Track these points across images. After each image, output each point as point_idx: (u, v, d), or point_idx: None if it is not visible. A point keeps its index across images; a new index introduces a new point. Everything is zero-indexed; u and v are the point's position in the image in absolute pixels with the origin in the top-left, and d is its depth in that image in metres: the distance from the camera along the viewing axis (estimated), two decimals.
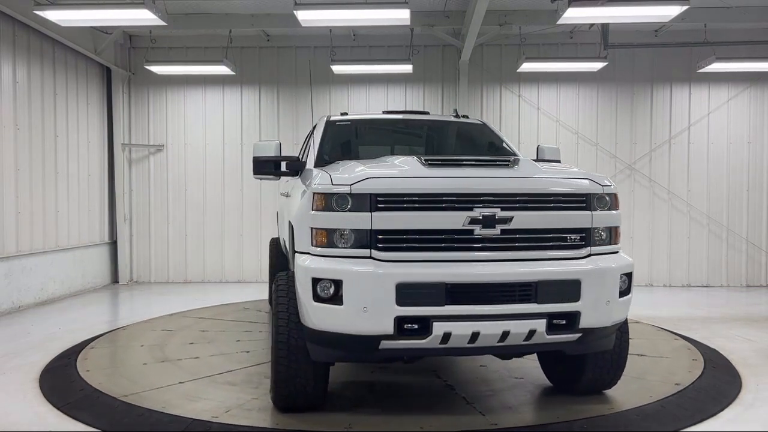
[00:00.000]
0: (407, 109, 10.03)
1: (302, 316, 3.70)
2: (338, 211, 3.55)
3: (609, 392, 4.57)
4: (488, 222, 3.55)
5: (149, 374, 5.06)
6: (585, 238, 3.73)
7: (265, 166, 4.77)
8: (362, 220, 3.52)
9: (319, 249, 3.60)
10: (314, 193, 3.64)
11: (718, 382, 4.89)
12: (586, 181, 3.82)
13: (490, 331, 3.50)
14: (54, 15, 7.37)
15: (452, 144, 5.75)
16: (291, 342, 3.74)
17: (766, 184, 10.47)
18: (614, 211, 3.87)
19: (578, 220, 3.72)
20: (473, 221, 3.54)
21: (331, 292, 3.50)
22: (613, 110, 10.58)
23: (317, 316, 3.54)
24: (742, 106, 10.47)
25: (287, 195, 6.47)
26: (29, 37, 8.44)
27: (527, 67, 9.68)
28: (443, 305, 3.45)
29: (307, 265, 3.58)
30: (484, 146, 5.53)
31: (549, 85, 10.55)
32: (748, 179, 10.47)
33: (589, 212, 3.75)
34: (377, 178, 3.60)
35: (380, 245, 3.52)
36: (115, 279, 10.76)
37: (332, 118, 5.49)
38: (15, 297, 8.09)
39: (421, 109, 10.16)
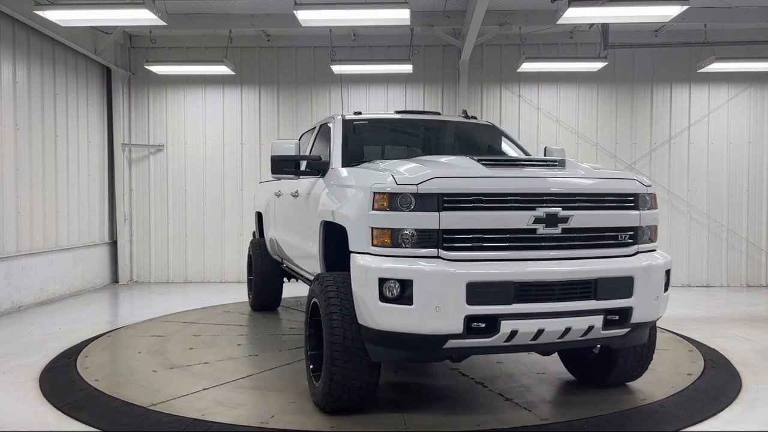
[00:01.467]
0: (415, 110, 9.98)
1: (362, 317, 3.66)
2: (403, 210, 3.53)
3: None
4: (551, 221, 3.62)
5: (168, 381, 4.95)
6: (633, 236, 3.88)
7: (286, 166, 4.78)
8: (430, 220, 3.51)
9: (380, 249, 3.58)
10: (375, 193, 3.60)
11: (718, 382, 4.88)
12: (635, 182, 3.96)
13: (554, 327, 3.59)
14: (54, 15, 7.37)
15: (469, 144, 5.76)
16: (346, 343, 3.71)
17: (766, 184, 10.47)
18: (655, 211, 4.03)
19: (629, 219, 3.86)
20: (537, 220, 3.60)
21: (397, 292, 3.47)
22: (613, 110, 10.58)
23: (384, 316, 3.51)
24: (742, 106, 10.47)
25: (280, 194, 6.44)
26: (29, 37, 8.44)
27: (527, 67, 9.68)
28: (511, 303, 3.50)
29: (373, 265, 3.53)
30: (499, 147, 5.64)
31: (549, 85, 10.55)
32: (748, 179, 10.47)
33: (638, 211, 3.89)
34: (444, 177, 3.59)
35: (447, 245, 3.53)
36: (115, 279, 10.76)
37: (348, 117, 5.40)
38: (15, 297, 8.09)
39: (422, 109, 10.16)
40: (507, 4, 9.26)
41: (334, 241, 4.27)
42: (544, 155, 5.32)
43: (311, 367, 4.29)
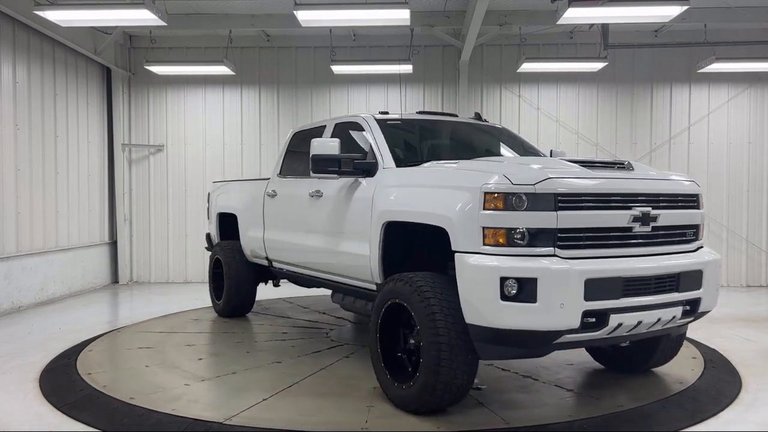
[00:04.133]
0: (435, 111, 9.92)
1: (474, 316, 3.66)
2: (519, 210, 3.58)
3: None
4: (645, 219, 3.87)
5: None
6: (696, 233, 4.25)
7: (329, 165, 4.76)
8: (548, 219, 3.60)
9: (492, 248, 3.61)
10: (486, 193, 3.64)
11: (718, 382, 4.89)
12: (695, 184, 4.35)
13: (649, 319, 3.82)
14: (54, 15, 7.37)
15: (492, 146, 5.81)
16: (452, 343, 3.73)
17: (766, 184, 10.47)
18: (703, 210, 4.39)
19: (695, 217, 4.24)
20: (634, 219, 3.84)
21: (515, 291, 3.52)
22: (613, 110, 10.58)
23: (505, 314, 3.54)
24: (742, 106, 10.47)
25: (276, 195, 6.27)
26: (29, 37, 8.44)
27: (527, 67, 9.68)
28: (618, 298, 3.68)
29: (493, 264, 3.56)
30: (517, 148, 5.72)
31: (549, 85, 10.55)
32: (748, 179, 10.47)
33: (699, 210, 4.29)
34: (559, 178, 3.72)
35: (561, 243, 3.64)
36: (115, 279, 10.76)
37: (381, 117, 5.37)
38: (15, 297, 8.09)
39: (440, 111, 10.17)
40: (507, 4, 9.26)
41: (396, 241, 4.41)
42: (550, 156, 5.45)
43: (387, 368, 4.22)
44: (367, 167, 4.84)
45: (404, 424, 3.93)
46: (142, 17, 7.29)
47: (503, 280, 3.52)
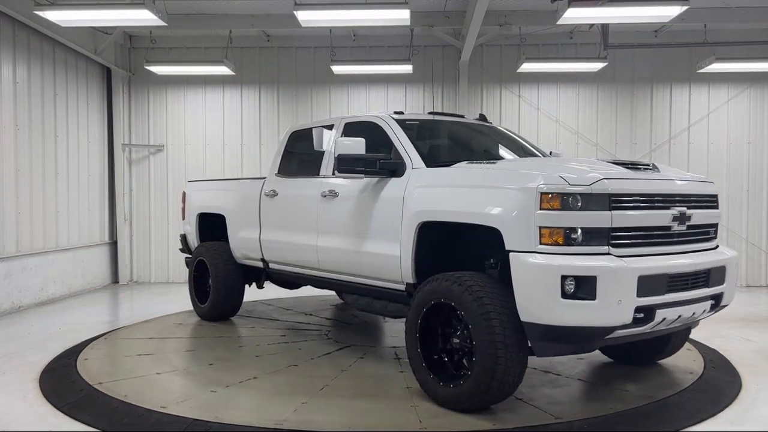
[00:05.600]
0: (446, 111, 9.90)
1: (532, 314, 3.72)
2: (574, 210, 3.70)
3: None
4: (682, 219, 4.07)
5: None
6: (715, 231, 4.48)
7: (355, 164, 4.78)
8: (603, 219, 3.73)
9: (549, 247, 3.70)
10: (542, 193, 3.73)
11: (718, 382, 4.89)
12: (713, 185, 4.57)
13: (686, 314, 4.02)
14: (54, 15, 7.37)
15: (509, 147, 5.84)
16: (507, 341, 3.81)
17: (766, 184, 10.48)
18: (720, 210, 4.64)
19: (715, 216, 4.46)
20: (674, 218, 4.03)
21: (574, 288, 3.62)
22: (613, 110, 10.58)
23: (565, 312, 3.64)
24: (742, 106, 10.47)
25: (276, 194, 6.18)
26: (29, 37, 8.44)
27: (527, 67, 9.68)
28: (664, 294, 3.85)
29: (554, 263, 3.64)
30: (519, 149, 5.78)
31: (549, 85, 10.55)
32: (748, 179, 10.47)
33: (718, 210, 4.51)
34: (612, 179, 3.86)
35: (614, 242, 3.78)
36: (115, 279, 10.76)
37: (399, 117, 5.37)
38: (15, 297, 8.09)
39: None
40: (507, 4, 9.26)
41: (428, 242, 4.47)
42: None
43: (430, 368, 4.23)
44: (393, 167, 4.85)
45: (460, 423, 3.93)
46: (142, 17, 7.29)
47: (564, 278, 3.61)
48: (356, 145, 4.84)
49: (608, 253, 3.74)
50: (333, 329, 6.75)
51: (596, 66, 9.72)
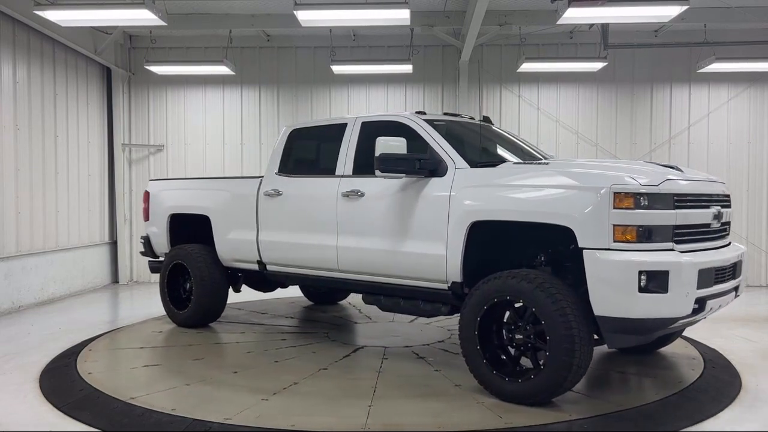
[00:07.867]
0: (456, 112, 9.87)
1: (608, 308, 3.92)
2: (644, 209, 3.93)
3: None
4: (718, 217, 4.43)
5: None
6: (728, 228, 4.79)
7: (397, 164, 4.79)
8: (669, 217, 4.02)
9: (623, 244, 3.92)
10: (616, 193, 3.94)
11: (718, 382, 4.89)
12: (725, 185, 4.88)
13: (723, 303, 4.37)
14: (54, 15, 7.37)
15: (506, 147, 5.89)
16: (581, 335, 3.99)
17: (766, 184, 10.47)
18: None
19: (730, 214, 4.78)
20: (714, 216, 4.38)
21: (647, 283, 3.84)
22: (613, 110, 10.58)
23: (642, 305, 3.85)
24: (742, 106, 10.47)
25: (281, 194, 5.99)
26: (29, 37, 8.44)
27: (527, 67, 9.68)
28: (712, 285, 4.16)
29: (632, 259, 3.86)
30: (521, 150, 5.88)
31: (549, 85, 10.55)
32: (747, 179, 10.47)
33: (731, 209, 4.82)
34: (675, 180, 4.19)
35: (676, 239, 4.06)
36: (115, 279, 10.76)
37: (426, 118, 5.35)
38: (15, 297, 8.09)
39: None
40: (507, 4, 9.27)
41: (480, 241, 4.58)
42: None
43: (491, 363, 4.32)
44: (433, 167, 4.84)
45: (536, 417, 4.02)
46: (142, 17, 7.29)
47: (641, 273, 3.83)
48: (398, 145, 4.83)
49: (672, 249, 4.00)
50: (331, 331, 6.58)
51: (596, 66, 9.72)
